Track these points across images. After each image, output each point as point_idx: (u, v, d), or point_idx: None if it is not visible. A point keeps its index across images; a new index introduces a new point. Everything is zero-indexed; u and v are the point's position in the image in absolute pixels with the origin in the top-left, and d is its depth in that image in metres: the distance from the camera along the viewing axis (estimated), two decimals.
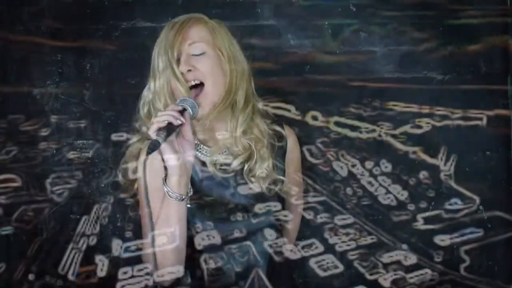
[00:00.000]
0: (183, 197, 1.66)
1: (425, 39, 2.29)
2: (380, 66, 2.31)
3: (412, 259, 2.11)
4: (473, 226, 2.18)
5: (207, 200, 1.80)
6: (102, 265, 1.89)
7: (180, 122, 1.61)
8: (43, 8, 2.24)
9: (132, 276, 1.82)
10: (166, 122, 1.58)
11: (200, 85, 1.76)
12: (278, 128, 1.93)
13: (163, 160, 1.64)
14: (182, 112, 1.64)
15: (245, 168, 1.80)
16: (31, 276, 2.00)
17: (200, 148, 1.82)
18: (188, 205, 1.71)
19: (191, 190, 1.71)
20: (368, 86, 2.27)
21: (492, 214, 2.25)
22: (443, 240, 2.15)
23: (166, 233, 1.72)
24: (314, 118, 2.19)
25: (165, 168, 1.66)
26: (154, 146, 1.52)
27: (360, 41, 2.31)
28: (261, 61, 2.27)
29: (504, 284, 2.30)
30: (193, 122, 1.73)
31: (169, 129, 1.58)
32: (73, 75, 2.26)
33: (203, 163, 1.81)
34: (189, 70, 1.74)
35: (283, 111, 2.16)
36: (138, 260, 1.84)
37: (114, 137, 1.93)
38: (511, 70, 2.29)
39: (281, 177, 1.86)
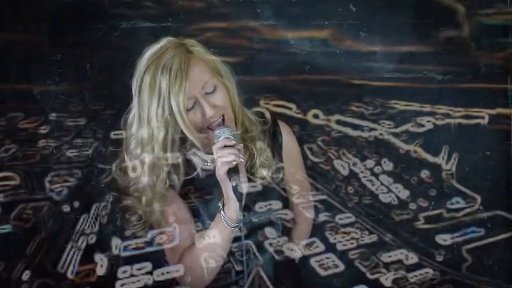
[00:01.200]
0: (239, 225, 1.70)
1: (425, 39, 2.29)
2: (380, 66, 2.31)
3: (413, 258, 2.10)
4: (474, 225, 2.18)
5: (207, 198, 1.79)
6: (101, 263, 1.88)
7: (242, 161, 1.66)
8: (43, 8, 2.23)
9: (132, 275, 1.81)
10: (235, 163, 1.63)
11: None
12: (272, 123, 1.93)
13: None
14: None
15: (247, 164, 1.80)
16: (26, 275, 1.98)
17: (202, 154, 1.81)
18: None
19: (241, 215, 1.72)
20: (369, 84, 2.27)
21: (493, 213, 2.24)
22: (444, 239, 2.15)
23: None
24: (315, 116, 2.19)
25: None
26: (239, 191, 1.61)
27: (360, 41, 2.31)
28: (261, 61, 2.28)
29: (506, 283, 2.30)
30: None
31: (236, 167, 1.64)
32: (73, 75, 2.26)
33: (205, 161, 1.80)
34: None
35: (284, 109, 2.16)
36: (137, 259, 1.84)
37: (114, 135, 1.93)
38: (511, 70, 2.29)
39: (281, 164, 1.87)
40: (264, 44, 2.29)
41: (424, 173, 2.24)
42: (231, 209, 1.68)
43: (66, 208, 2.08)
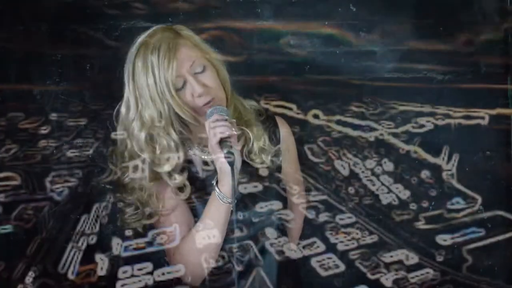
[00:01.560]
0: (234, 200, 1.69)
1: (425, 39, 2.30)
2: (380, 66, 2.31)
3: (413, 258, 2.10)
4: (475, 225, 2.18)
5: (207, 198, 1.79)
6: (102, 264, 1.88)
7: (235, 133, 1.67)
8: (43, 8, 2.23)
9: (132, 275, 1.81)
10: (228, 133, 1.63)
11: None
12: (270, 119, 1.93)
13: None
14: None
15: (244, 151, 1.80)
16: (29, 276, 1.98)
17: (202, 149, 1.81)
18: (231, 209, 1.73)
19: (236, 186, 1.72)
20: (369, 84, 2.27)
21: (493, 213, 2.25)
22: (445, 239, 2.15)
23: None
24: (316, 116, 2.19)
25: None
26: (232, 158, 1.61)
27: (360, 41, 2.31)
28: (261, 61, 2.28)
29: (506, 283, 2.30)
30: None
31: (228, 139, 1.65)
32: (73, 75, 2.26)
33: (205, 163, 1.80)
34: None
35: (284, 109, 2.16)
36: (138, 259, 1.84)
37: (114, 135, 1.92)
38: (511, 70, 2.30)
39: (279, 146, 1.88)
40: (264, 44, 2.29)
41: (425, 174, 2.24)
42: (225, 184, 1.68)
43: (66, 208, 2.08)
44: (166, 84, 1.67)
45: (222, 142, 1.63)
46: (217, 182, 1.71)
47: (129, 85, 1.75)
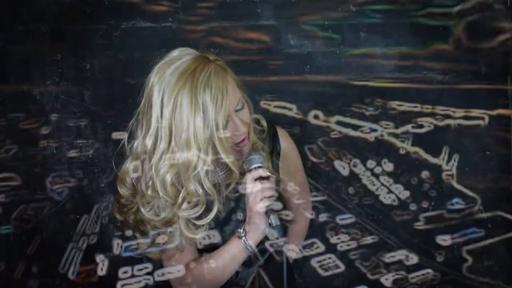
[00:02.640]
0: (256, 251, 1.70)
1: (425, 39, 2.30)
2: (380, 66, 2.31)
3: (413, 259, 2.11)
4: (474, 226, 2.18)
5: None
6: (102, 264, 1.88)
7: (277, 195, 1.64)
8: (43, 8, 2.24)
9: (133, 276, 1.81)
10: (274, 199, 1.61)
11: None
12: (271, 129, 1.91)
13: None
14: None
15: None
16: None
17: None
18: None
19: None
20: (369, 85, 2.27)
21: (493, 214, 2.25)
22: (444, 240, 2.15)
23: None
24: (316, 117, 2.19)
25: None
26: (279, 229, 1.60)
27: (360, 41, 2.31)
28: (262, 61, 2.28)
29: (506, 284, 2.30)
30: None
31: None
32: (73, 75, 2.26)
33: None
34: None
35: (284, 110, 2.16)
36: (138, 259, 1.84)
37: (114, 136, 1.92)
38: (511, 70, 2.30)
39: (282, 177, 1.84)
40: (264, 44, 2.29)
41: (425, 174, 2.24)
42: (255, 238, 1.67)
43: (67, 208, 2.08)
44: (217, 124, 1.55)
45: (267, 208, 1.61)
46: (245, 233, 1.68)
47: (162, 116, 1.57)
